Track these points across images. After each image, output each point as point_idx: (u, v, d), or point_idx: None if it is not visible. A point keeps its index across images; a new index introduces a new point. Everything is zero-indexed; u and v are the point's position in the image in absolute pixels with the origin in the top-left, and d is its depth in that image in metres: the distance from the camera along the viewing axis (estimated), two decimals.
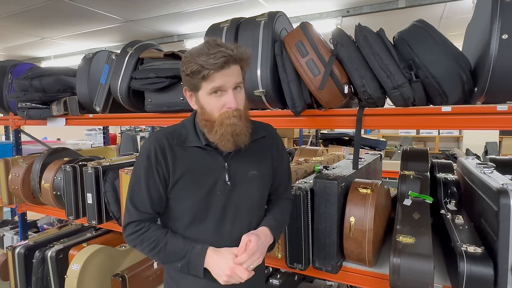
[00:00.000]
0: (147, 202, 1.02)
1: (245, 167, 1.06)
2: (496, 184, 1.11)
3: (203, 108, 0.98)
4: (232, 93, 0.95)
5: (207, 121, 0.98)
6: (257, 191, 1.09)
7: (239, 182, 1.05)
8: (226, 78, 0.92)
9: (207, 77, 0.91)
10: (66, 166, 2.08)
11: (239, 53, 0.93)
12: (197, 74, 0.91)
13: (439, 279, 1.22)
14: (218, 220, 1.03)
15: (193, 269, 0.99)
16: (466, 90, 1.20)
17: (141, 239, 1.01)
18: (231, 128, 0.94)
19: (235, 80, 0.95)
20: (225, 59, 0.89)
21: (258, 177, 1.08)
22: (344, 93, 1.34)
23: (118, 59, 1.92)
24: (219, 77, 0.92)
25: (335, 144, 3.53)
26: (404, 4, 2.96)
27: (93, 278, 2.05)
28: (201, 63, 0.90)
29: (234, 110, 0.95)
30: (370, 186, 1.34)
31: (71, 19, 3.63)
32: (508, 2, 1.04)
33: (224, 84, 0.93)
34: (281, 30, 1.56)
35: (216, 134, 0.96)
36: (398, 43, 1.28)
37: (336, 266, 1.32)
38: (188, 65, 0.93)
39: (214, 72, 0.90)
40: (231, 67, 0.93)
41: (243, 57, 0.94)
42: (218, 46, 0.91)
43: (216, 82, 0.92)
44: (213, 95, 0.95)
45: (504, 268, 1.01)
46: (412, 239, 1.15)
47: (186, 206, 1.03)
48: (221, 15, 3.46)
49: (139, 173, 1.02)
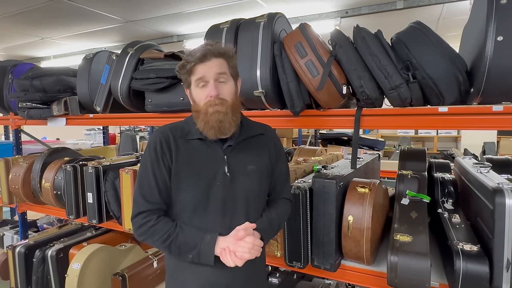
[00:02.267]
0: (155, 191, 1.06)
1: (244, 161, 1.11)
2: (492, 184, 1.13)
3: (194, 100, 1.09)
4: (214, 84, 1.03)
5: (196, 112, 1.07)
6: (256, 184, 1.12)
7: (238, 175, 1.09)
8: (207, 69, 1.03)
9: (190, 70, 1.04)
10: (66, 165, 2.09)
11: (218, 47, 1.05)
12: (183, 69, 1.06)
13: (436, 277, 1.24)
14: (219, 213, 1.06)
15: (204, 259, 1.01)
16: (463, 91, 1.22)
17: (151, 231, 1.03)
18: (214, 116, 1.02)
19: (215, 71, 1.04)
20: (203, 51, 1.02)
21: (256, 171, 1.11)
22: (343, 93, 1.36)
23: (118, 60, 1.93)
24: (200, 68, 1.03)
25: (334, 144, 3.55)
26: (402, 5, 2.98)
27: (94, 277, 2.06)
28: (186, 59, 1.05)
29: (216, 98, 1.03)
30: (368, 185, 1.35)
31: (71, 19, 3.64)
32: (503, 4, 1.06)
33: (205, 74, 1.03)
34: (281, 31, 1.57)
35: (202, 122, 1.05)
36: (396, 44, 1.29)
37: (334, 264, 1.34)
38: (180, 62, 1.07)
39: (195, 65, 1.03)
40: (212, 60, 1.03)
41: (223, 50, 1.06)
42: (202, 45, 1.05)
43: (198, 74, 1.04)
44: (199, 87, 1.06)
45: (500, 265, 1.03)
46: (410, 238, 1.16)
47: (188, 197, 1.06)
48: (220, 16, 3.47)
49: (147, 165, 1.08)
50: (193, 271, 1.07)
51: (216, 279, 1.06)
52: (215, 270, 1.05)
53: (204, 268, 1.05)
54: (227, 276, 1.07)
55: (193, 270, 1.07)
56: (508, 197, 1.03)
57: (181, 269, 1.09)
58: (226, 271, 1.05)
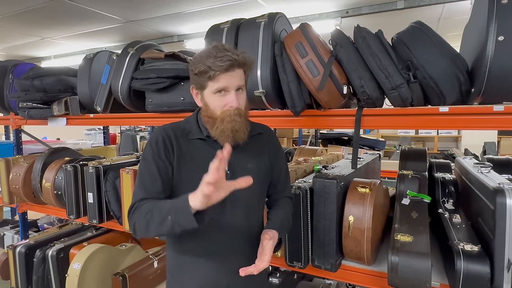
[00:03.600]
0: (158, 181, 1.04)
1: (244, 160, 1.11)
2: (492, 184, 1.13)
3: (207, 105, 1.06)
4: (235, 94, 1.02)
5: (210, 118, 1.05)
6: (256, 183, 1.12)
7: (238, 173, 1.08)
8: (230, 80, 1.00)
9: (213, 77, 0.99)
10: (67, 165, 2.09)
11: (244, 58, 1.02)
12: (204, 74, 1.00)
13: (436, 277, 1.23)
14: (219, 210, 1.06)
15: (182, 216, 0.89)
16: (463, 91, 1.22)
17: (137, 214, 0.99)
18: (231, 124, 1.02)
19: (238, 83, 1.02)
20: (231, 62, 0.98)
21: (256, 170, 1.11)
22: (343, 93, 1.36)
23: (119, 60, 1.93)
24: (223, 78, 0.99)
25: (335, 144, 3.54)
26: (403, 5, 2.98)
27: (94, 277, 2.06)
28: (208, 64, 0.98)
29: (235, 109, 1.02)
30: (369, 185, 1.35)
31: (72, 19, 3.64)
32: (504, 4, 1.06)
33: (228, 85, 1.01)
34: (281, 31, 1.57)
35: (217, 130, 1.03)
36: (397, 44, 1.29)
37: (335, 264, 1.34)
38: (196, 65, 1.01)
39: (220, 74, 0.98)
40: (236, 71, 1.01)
41: (247, 62, 1.03)
42: (225, 51, 0.99)
43: (221, 83, 1.00)
44: (217, 95, 1.02)
45: (500, 265, 1.03)
46: (410, 238, 1.16)
47: None
48: (221, 16, 3.47)
49: (148, 157, 1.07)
50: (194, 270, 1.07)
51: (217, 279, 1.06)
52: (216, 270, 1.05)
53: (205, 268, 1.05)
54: (227, 275, 1.07)
55: (194, 269, 1.07)
56: (509, 197, 1.03)
57: (182, 268, 1.09)
58: (227, 270, 1.06)
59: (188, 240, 1.08)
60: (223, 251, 1.09)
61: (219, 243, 1.08)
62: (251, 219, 1.10)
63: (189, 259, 1.09)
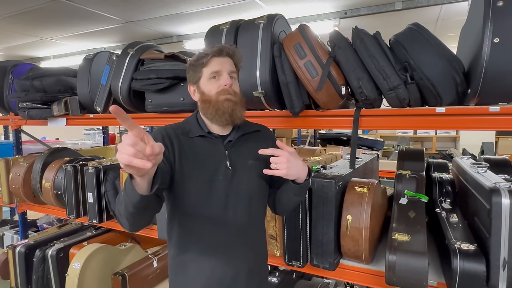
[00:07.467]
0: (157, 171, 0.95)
1: (244, 156, 1.14)
2: (489, 183, 1.14)
3: (204, 93, 1.11)
4: (228, 76, 1.09)
5: (206, 101, 1.10)
6: (257, 179, 1.15)
7: (240, 169, 1.11)
8: (223, 64, 1.09)
9: (207, 63, 1.08)
10: (67, 165, 2.10)
11: (233, 49, 1.13)
12: (198, 62, 1.09)
13: (433, 276, 1.25)
14: (221, 206, 1.08)
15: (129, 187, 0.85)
16: (460, 92, 1.23)
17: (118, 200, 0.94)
18: (227, 103, 1.07)
19: (229, 68, 1.11)
20: (221, 47, 1.10)
21: (257, 166, 1.14)
22: (342, 94, 1.37)
23: (119, 60, 1.94)
24: (216, 61, 1.09)
25: (333, 144, 3.55)
26: (401, 6, 3.00)
27: (94, 276, 2.07)
28: (203, 51, 1.11)
29: (229, 87, 1.08)
30: (367, 185, 1.37)
31: (71, 19, 3.65)
32: (500, 7, 1.07)
33: (221, 68, 1.09)
34: (280, 32, 1.58)
35: (213, 109, 1.08)
36: (394, 46, 1.30)
37: (333, 263, 1.35)
38: (194, 57, 1.12)
39: (212, 57, 1.08)
40: (226, 58, 1.11)
41: (235, 53, 1.13)
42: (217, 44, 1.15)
43: (214, 67, 1.09)
44: (211, 80, 1.09)
45: (496, 264, 1.04)
46: (408, 237, 1.18)
47: (191, 192, 1.07)
48: (220, 17, 3.48)
49: None
50: (198, 267, 1.08)
51: (221, 274, 1.07)
52: (219, 266, 1.07)
53: (209, 264, 1.06)
54: (231, 271, 1.08)
55: (198, 266, 1.08)
56: (505, 197, 1.04)
57: (185, 266, 1.10)
58: (231, 266, 1.08)
59: (191, 237, 1.10)
60: (227, 247, 1.10)
61: (222, 239, 1.09)
62: (252, 213, 1.12)
63: (192, 256, 1.09)
